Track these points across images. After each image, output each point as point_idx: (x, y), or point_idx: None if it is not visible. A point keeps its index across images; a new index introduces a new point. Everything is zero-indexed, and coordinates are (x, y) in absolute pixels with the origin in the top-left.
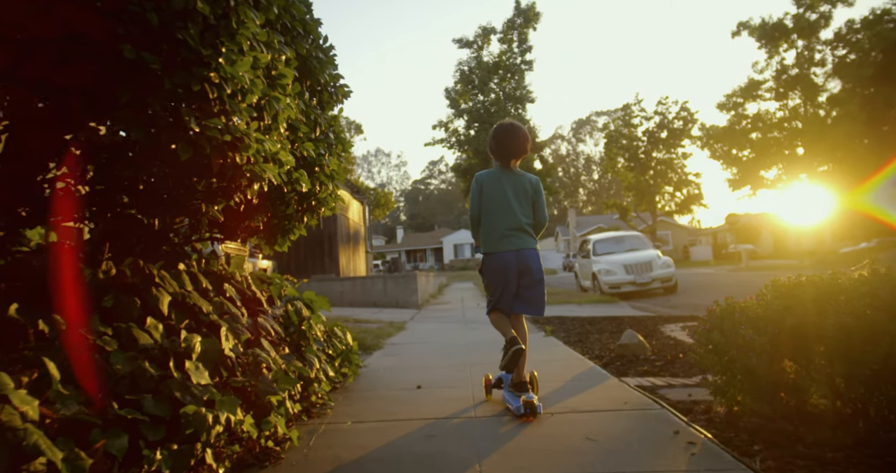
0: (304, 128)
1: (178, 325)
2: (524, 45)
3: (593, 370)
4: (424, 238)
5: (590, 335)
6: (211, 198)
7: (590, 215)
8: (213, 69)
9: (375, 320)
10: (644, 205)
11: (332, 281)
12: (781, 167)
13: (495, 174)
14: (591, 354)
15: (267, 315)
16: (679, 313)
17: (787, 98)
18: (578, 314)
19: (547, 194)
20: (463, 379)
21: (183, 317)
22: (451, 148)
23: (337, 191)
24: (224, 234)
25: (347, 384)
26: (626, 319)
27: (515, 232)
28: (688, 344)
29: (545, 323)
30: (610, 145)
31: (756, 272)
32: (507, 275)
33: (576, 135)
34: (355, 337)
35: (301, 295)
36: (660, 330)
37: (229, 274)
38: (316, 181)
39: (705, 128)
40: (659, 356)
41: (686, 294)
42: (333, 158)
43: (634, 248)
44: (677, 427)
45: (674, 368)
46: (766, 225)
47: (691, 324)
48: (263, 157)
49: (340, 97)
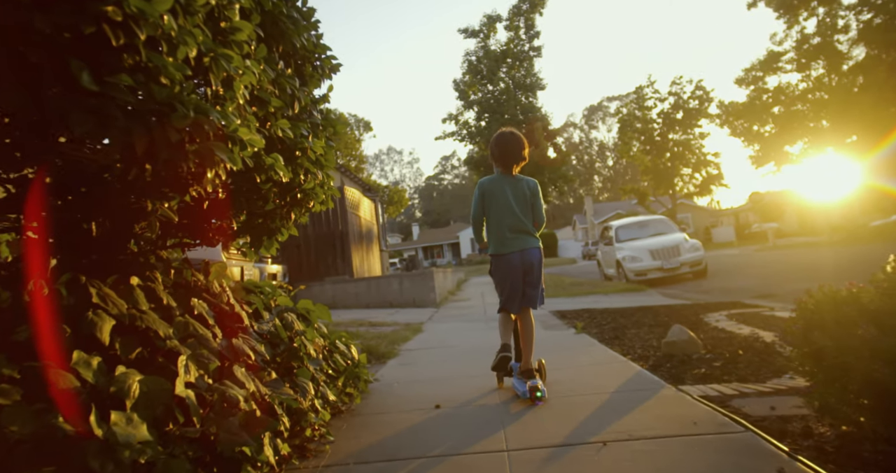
0: (277, 101)
1: (124, 357)
2: (531, 30)
3: (641, 375)
4: (441, 233)
5: (626, 330)
6: (156, 193)
7: (606, 202)
8: (111, 2)
9: (391, 322)
10: (662, 188)
11: (345, 283)
12: (807, 141)
13: (496, 180)
14: (633, 354)
15: (249, 333)
16: (717, 299)
17: (809, 68)
18: (607, 305)
19: (562, 182)
20: (489, 392)
21: (131, 346)
22: (462, 140)
23: (330, 181)
24: (192, 238)
25: (354, 406)
26: (662, 309)
27: (518, 233)
28: (742, 337)
29: (574, 318)
30: (624, 129)
31: (785, 250)
32: (514, 275)
33: (588, 123)
34: (367, 345)
35: (296, 305)
36: (704, 321)
37: (205, 286)
38: (299, 169)
39: (724, 105)
40: (715, 354)
41: (717, 277)
42: (319, 141)
43: (659, 232)
44: (779, 461)
45: (737, 369)
46: (790, 202)
47: (736, 312)
48: (215, 134)
49: (328, 71)
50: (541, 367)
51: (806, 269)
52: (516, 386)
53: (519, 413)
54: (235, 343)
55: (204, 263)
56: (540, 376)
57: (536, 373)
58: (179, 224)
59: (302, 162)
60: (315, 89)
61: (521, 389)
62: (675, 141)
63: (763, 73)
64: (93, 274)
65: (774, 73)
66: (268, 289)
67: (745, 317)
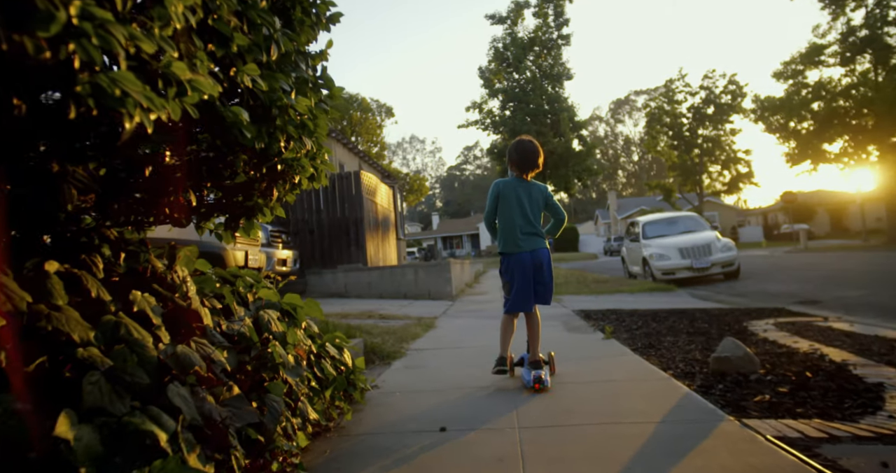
0: (243, 39)
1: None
2: (560, 18)
3: (690, 400)
4: (460, 224)
5: (662, 337)
6: (65, 153)
7: (630, 197)
8: None
9: (403, 315)
10: (689, 184)
11: (359, 272)
12: (847, 139)
13: (512, 183)
14: (674, 369)
15: (210, 335)
16: (756, 304)
17: (854, 62)
18: (634, 306)
19: (587, 175)
20: (505, 411)
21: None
22: (485, 129)
23: (323, 153)
24: (146, 215)
25: (344, 422)
26: (698, 314)
27: (529, 235)
28: (802, 354)
29: (600, 319)
30: (652, 124)
31: (819, 253)
32: (524, 273)
33: (614, 116)
34: (372, 342)
35: (281, 301)
36: (749, 331)
37: (162, 275)
38: (279, 133)
39: (759, 99)
40: (776, 375)
41: (751, 279)
42: (306, 99)
43: (689, 230)
44: None
45: (811, 398)
46: (823, 203)
47: (784, 321)
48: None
49: (324, 20)
50: (550, 359)
51: (848, 274)
52: (524, 375)
53: (544, 445)
54: (182, 351)
55: (168, 246)
56: (550, 367)
57: (545, 364)
58: (133, 198)
59: (281, 124)
60: (308, 42)
61: (526, 378)
62: (705, 136)
63: (804, 67)
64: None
65: (816, 66)
66: (248, 280)
67: (797, 328)
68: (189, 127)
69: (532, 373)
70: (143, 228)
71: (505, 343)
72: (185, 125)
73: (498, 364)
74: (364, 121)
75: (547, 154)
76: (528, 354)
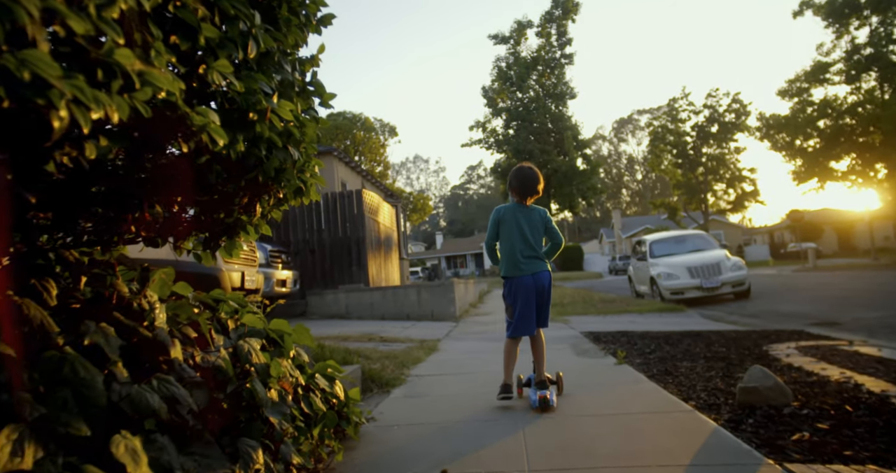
0: (212, 30)
1: None
2: (563, 37)
3: (720, 438)
4: (464, 243)
5: (678, 362)
6: None
7: (634, 216)
8: None
9: (405, 338)
10: (694, 203)
11: (360, 292)
12: (855, 157)
13: (511, 208)
14: (697, 400)
15: (177, 370)
16: (772, 326)
17: (860, 80)
18: (645, 327)
19: (591, 193)
20: (514, 449)
21: None
22: (489, 148)
23: (313, 166)
24: (110, 233)
25: (334, 463)
26: (713, 337)
27: (531, 258)
28: (835, 383)
29: (610, 341)
30: (655, 142)
31: (829, 272)
32: (527, 296)
33: (617, 135)
34: (371, 369)
35: (266, 327)
36: (771, 355)
37: (128, 301)
38: (261, 142)
39: (764, 117)
40: (812, 407)
41: (762, 299)
42: (288, 103)
43: (698, 248)
44: None
45: (858, 437)
46: (830, 221)
47: (806, 345)
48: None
49: (314, 22)
50: (558, 379)
51: (862, 294)
52: (531, 395)
53: None
54: (137, 392)
55: (140, 269)
56: (557, 387)
57: (552, 384)
58: (96, 214)
59: (261, 130)
60: (297, 46)
61: (533, 398)
62: (709, 155)
63: (809, 85)
64: None
65: (821, 84)
66: (232, 305)
67: (822, 353)
68: (150, 131)
69: (538, 393)
70: (110, 248)
71: (509, 369)
72: (144, 128)
73: (503, 391)
74: (367, 141)
75: (551, 172)
76: (535, 374)
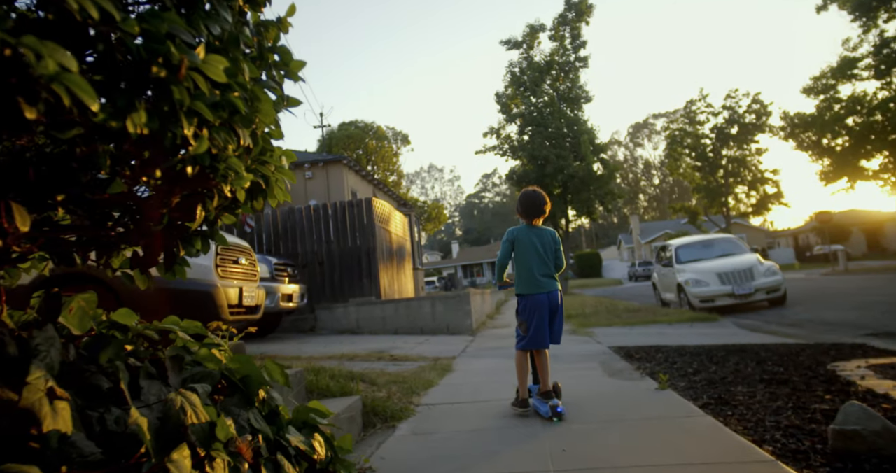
0: None
1: None
2: (577, 40)
3: None
4: (480, 252)
5: (730, 387)
6: None
7: (653, 220)
8: None
9: (416, 356)
10: (715, 206)
11: (371, 305)
12: (887, 154)
13: (524, 229)
14: (772, 442)
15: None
16: (823, 337)
17: (891, 75)
18: (679, 341)
19: (609, 198)
20: None
21: None
22: (503, 155)
23: (280, 158)
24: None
25: None
26: (760, 351)
27: (546, 277)
28: None
29: (644, 358)
30: (673, 145)
31: (861, 275)
32: (542, 313)
33: (633, 140)
34: (374, 398)
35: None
36: (840, 377)
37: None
38: (190, 117)
39: (788, 116)
40: None
41: (799, 306)
42: (219, 58)
43: (728, 253)
44: None
45: None
46: (857, 222)
47: (880, 363)
48: None
49: None
50: (556, 388)
51: None
52: (537, 406)
53: None
54: None
55: (43, 296)
56: (557, 395)
57: (554, 394)
58: None
59: (181, 96)
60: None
61: (542, 409)
62: (730, 157)
63: (835, 82)
64: None
65: (849, 80)
66: (184, 337)
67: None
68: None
69: (549, 403)
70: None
71: (523, 382)
72: None
73: (521, 405)
74: (380, 150)
75: (567, 178)
76: (539, 385)
